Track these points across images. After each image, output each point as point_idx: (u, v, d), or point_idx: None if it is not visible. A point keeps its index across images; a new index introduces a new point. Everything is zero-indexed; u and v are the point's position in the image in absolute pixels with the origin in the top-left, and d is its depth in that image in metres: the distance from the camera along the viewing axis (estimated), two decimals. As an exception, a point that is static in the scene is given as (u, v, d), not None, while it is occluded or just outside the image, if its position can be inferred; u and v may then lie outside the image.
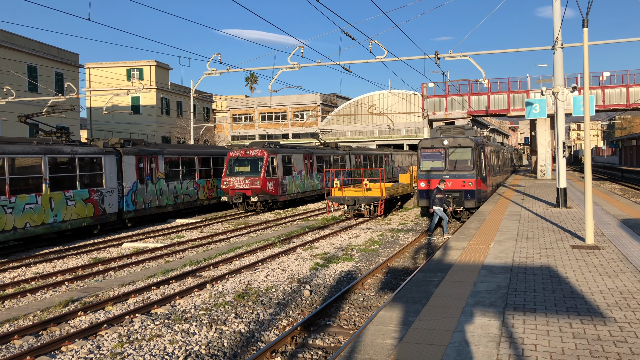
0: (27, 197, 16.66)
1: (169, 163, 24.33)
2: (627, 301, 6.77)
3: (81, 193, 18.82)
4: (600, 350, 5.17)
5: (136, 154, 22.12)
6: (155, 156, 23.36)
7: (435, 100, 40.65)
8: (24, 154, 16.71)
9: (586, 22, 11.04)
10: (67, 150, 18.41)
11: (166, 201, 23.89)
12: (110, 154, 20.44)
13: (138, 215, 22.17)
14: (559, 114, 17.32)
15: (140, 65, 56.24)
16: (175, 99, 59.38)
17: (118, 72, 55.15)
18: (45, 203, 17.33)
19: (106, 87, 53.21)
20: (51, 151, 17.71)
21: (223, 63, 23.50)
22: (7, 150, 16.15)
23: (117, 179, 20.82)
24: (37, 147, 17.29)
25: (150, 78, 55.58)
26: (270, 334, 8.65)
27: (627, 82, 36.84)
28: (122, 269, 13.83)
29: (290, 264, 13.86)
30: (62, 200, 17.96)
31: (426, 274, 8.60)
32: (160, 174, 23.57)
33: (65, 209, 18.09)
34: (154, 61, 55.92)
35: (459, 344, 5.43)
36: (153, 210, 23.07)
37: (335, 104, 77.83)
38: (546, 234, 12.38)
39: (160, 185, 23.48)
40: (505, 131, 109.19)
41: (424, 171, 20.91)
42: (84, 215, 18.97)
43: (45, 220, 17.32)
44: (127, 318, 9.37)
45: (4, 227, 15.87)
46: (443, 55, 22.57)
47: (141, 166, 22.32)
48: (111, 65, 56.76)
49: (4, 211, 15.88)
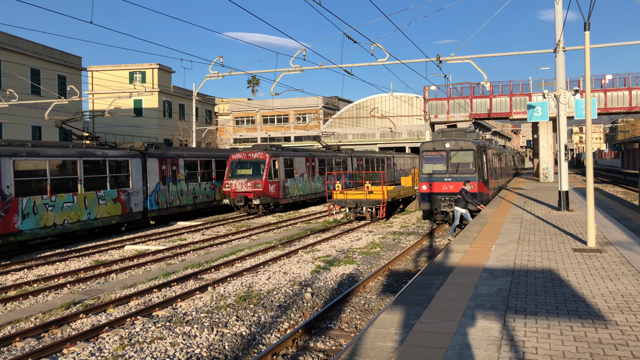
0: (65, 196, 18.07)
1: (189, 165, 25.69)
2: (629, 304, 6.76)
3: (111, 193, 20.21)
4: (601, 353, 5.16)
5: (159, 157, 23.47)
6: (176, 159, 24.74)
7: (437, 103, 40.66)
8: (62, 157, 18.13)
9: (588, 25, 11.04)
10: (99, 154, 19.81)
11: (186, 201, 25.28)
12: (136, 157, 21.83)
13: (160, 214, 23.47)
14: (561, 117, 17.32)
15: (143, 68, 56.42)
16: (177, 102, 59.52)
17: (121, 75, 55.32)
18: (81, 202, 18.73)
19: (109, 90, 53.36)
20: (85, 154, 19.10)
21: (225, 66, 23.55)
22: (48, 153, 17.58)
23: (142, 180, 22.18)
24: (73, 150, 18.69)
25: (152, 81, 55.73)
26: (271, 337, 8.66)
27: (630, 85, 36.80)
28: (124, 271, 13.85)
29: (291, 266, 13.87)
30: (95, 199, 19.39)
31: (427, 277, 8.60)
32: (181, 176, 24.98)
33: (97, 208, 19.50)
34: (156, 64, 56.08)
35: (460, 346, 5.43)
36: (174, 209, 24.45)
37: (337, 107, 77.89)
38: (548, 237, 12.36)
39: (180, 186, 24.90)
40: (507, 134, 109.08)
41: (426, 174, 20.91)
42: (114, 214, 20.37)
43: (80, 217, 18.72)
44: (128, 320, 9.39)
45: (46, 223, 17.27)
46: (445, 58, 22.58)
47: (163, 168, 23.74)
48: (114, 68, 56.94)
49: (46, 209, 17.26)
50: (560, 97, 16.97)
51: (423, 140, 44.25)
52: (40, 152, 17.31)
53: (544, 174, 36.39)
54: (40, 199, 17.11)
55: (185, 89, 60.40)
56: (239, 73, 24.69)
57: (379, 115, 59.63)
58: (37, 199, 17.01)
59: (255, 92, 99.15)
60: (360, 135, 70.17)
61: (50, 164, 17.53)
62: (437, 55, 22.26)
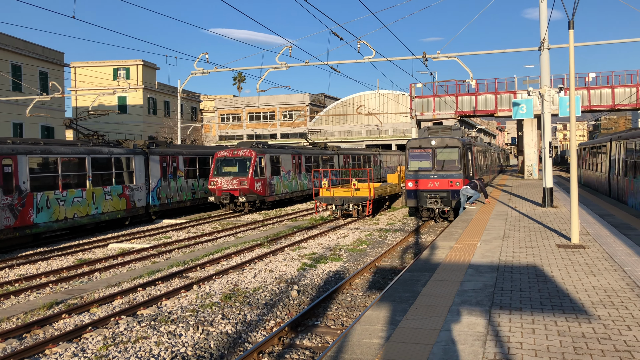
0: (75, 192, 19.04)
1: (188, 162, 26.82)
2: (611, 299, 6.83)
3: (116, 188, 21.23)
4: (584, 347, 5.20)
5: (160, 154, 24.53)
6: (177, 156, 25.86)
7: (423, 100, 40.81)
8: (72, 154, 19.04)
9: (572, 24, 11.13)
10: (106, 151, 20.76)
11: (185, 197, 26.43)
12: (139, 154, 22.81)
13: (162, 209, 24.60)
14: (546, 115, 17.46)
15: (127, 64, 55.80)
16: (162, 99, 58.99)
17: (104, 72, 54.68)
18: (89, 197, 19.74)
19: (92, 87, 52.72)
20: (93, 152, 20.04)
21: (211, 62, 23.35)
22: (59, 151, 18.50)
23: (144, 177, 23.22)
24: (82, 148, 19.61)
25: (137, 77, 55.16)
26: (257, 335, 8.61)
27: (613, 83, 37.28)
28: (108, 270, 13.69)
29: (278, 264, 13.82)
30: (102, 194, 20.39)
31: (413, 274, 8.61)
32: (181, 172, 26.13)
33: (104, 203, 20.52)
34: (140, 60, 55.50)
35: (446, 342, 5.43)
36: (174, 205, 25.59)
37: (323, 104, 77.84)
38: (532, 233, 12.46)
39: (180, 182, 26.08)
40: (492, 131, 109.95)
41: (412, 171, 20.97)
42: (119, 208, 21.38)
43: (89, 212, 19.75)
44: (112, 320, 9.27)
45: (58, 216, 18.24)
46: (431, 56, 22.65)
47: (164, 165, 24.82)
48: (97, 64, 56.24)
49: (58, 203, 18.22)
50: (545, 94, 17.11)
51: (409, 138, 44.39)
52: (52, 150, 18.17)
53: (529, 171, 36.73)
54: (53, 194, 18.03)
55: (170, 86, 59.88)
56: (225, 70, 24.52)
57: (366, 112, 59.73)
58: (50, 194, 17.93)
59: (240, 89, 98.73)
60: (347, 133, 70.21)
61: (61, 161, 18.45)
62: (424, 53, 22.32)
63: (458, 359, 5.01)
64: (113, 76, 55.51)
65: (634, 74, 36.99)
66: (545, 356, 5.01)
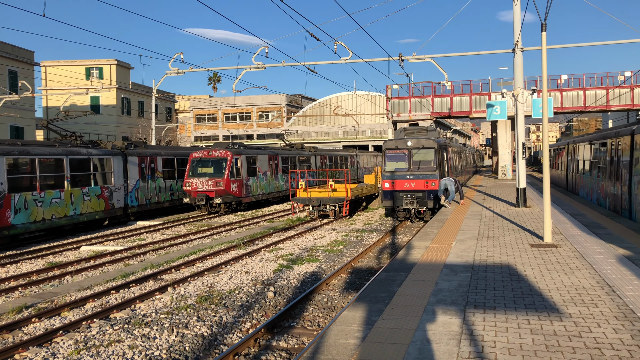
0: (53, 193, 18.97)
1: (166, 163, 26.78)
2: (582, 297, 6.96)
3: (95, 189, 21.22)
4: (556, 345, 5.28)
5: (139, 155, 24.54)
6: (155, 157, 25.86)
7: (400, 101, 41.10)
8: (50, 155, 18.95)
9: (544, 27, 11.33)
10: (84, 152, 20.74)
11: (164, 197, 26.43)
12: (117, 155, 22.80)
13: (140, 210, 24.57)
14: (519, 116, 17.74)
15: (100, 64, 54.87)
16: (136, 99, 58.17)
17: (76, 71, 53.63)
18: (67, 198, 19.66)
19: (64, 86, 51.67)
20: (71, 152, 20.00)
21: (186, 62, 23.12)
22: (38, 151, 18.38)
23: (123, 178, 23.18)
24: (60, 149, 19.53)
25: (110, 77, 54.27)
26: (233, 337, 8.53)
27: (584, 86, 38.12)
28: (80, 273, 13.41)
29: (254, 265, 13.74)
30: (80, 195, 20.35)
31: (389, 274, 8.65)
32: (159, 173, 26.13)
33: (82, 203, 20.47)
34: (114, 60, 54.63)
35: (421, 342, 5.46)
36: (153, 205, 25.57)
37: (300, 105, 77.77)
38: (506, 232, 12.64)
39: (159, 183, 26.07)
40: (467, 132, 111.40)
41: (388, 172, 21.09)
42: (97, 209, 21.36)
43: (67, 213, 19.65)
44: (84, 324, 9.08)
45: (36, 218, 18.16)
46: (407, 58, 22.82)
47: (143, 166, 24.79)
48: (69, 63, 55.14)
49: (36, 204, 18.14)
50: (518, 96, 17.38)
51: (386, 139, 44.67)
52: (30, 151, 18.06)
53: (503, 172, 37.30)
54: (31, 195, 17.95)
55: (144, 86, 59.07)
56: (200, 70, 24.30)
57: (343, 113, 59.88)
58: (28, 195, 17.83)
59: (216, 89, 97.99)
60: (324, 134, 70.28)
61: (39, 162, 18.37)
62: (400, 55, 22.47)
63: (433, 358, 5.04)
64: (86, 76, 54.50)
65: (604, 76, 37.89)
66: (519, 354, 5.08)
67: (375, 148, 66.39)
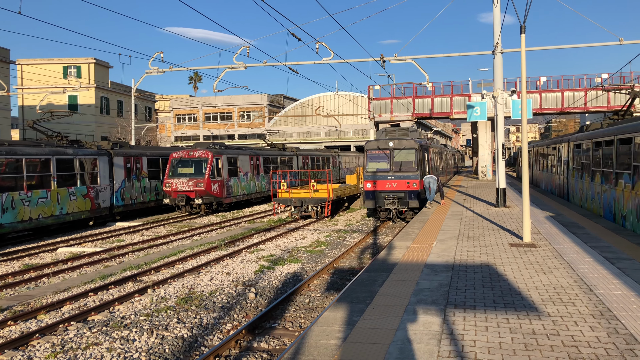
0: (40, 192, 19.13)
1: (151, 163, 26.91)
2: (560, 296, 7.05)
3: (81, 189, 21.40)
4: (534, 343, 5.34)
5: (124, 155, 24.73)
6: (140, 157, 26.04)
7: (381, 102, 41.27)
8: (37, 155, 19.12)
9: (524, 29, 11.46)
10: (70, 152, 20.89)
11: (149, 197, 26.55)
12: (103, 155, 23.02)
13: (126, 209, 24.79)
14: (499, 117, 17.93)
15: (78, 62, 54.03)
16: (115, 98, 57.42)
17: (54, 69, 52.72)
18: (54, 197, 19.81)
19: (41, 85, 50.76)
20: (58, 152, 20.17)
21: (166, 62, 22.91)
22: (25, 152, 18.55)
23: (109, 178, 23.40)
24: (47, 149, 19.70)
25: (88, 76, 53.47)
26: (214, 339, 8.46)
27: (562, 87, 38.72)
28: (57, 275, 13.18)
29: (235, 267, 13.65)
30: (67, 195, 20.52)
31: (371, 274, 8.66)
32: (144, 173, 26.29)
33: (69, 203, 20.63)
34: (92, 59, 53.84)
35: (402, 342, 5.47)
36: (138, 205, 25.77)
37: (282, 105, 77.59)
38: (486, 232, 12.77)
39: (144, 183, 26.21)
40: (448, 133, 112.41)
41: (370, 172, 21.15)
42: (83, 209, 21.52)
43: (54, 212, 19.82)
44: (61, 326, 8.92)
45: (23, 217, 18.33)
46: (388, 59, 22.92)
47: (128, 166, 24.98)
48: (46, 62, 54.19)
49: (23, 204, 18.32)
50: (498, 97, 17.58)
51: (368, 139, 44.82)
52: (17, 151, 18.26)
53: (483, 172, 37.69)
54: (18, 194, 18.14)
55: (123, 85, 58.33)
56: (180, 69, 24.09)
57: (325, 113, 59.89)
58: (15, 194, 18.03)
59: (197, 88, 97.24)
60: (306, 134, 70.24)
61: (26, 162, 18.55)
62: (381, 55, 22.57)
63: (414, 358, 5.05)
64: (63, 74, 53.61)
65: (582, 78, 38.55)
66: (498, 353, 5.12)
67: (357, 148, 66.56)
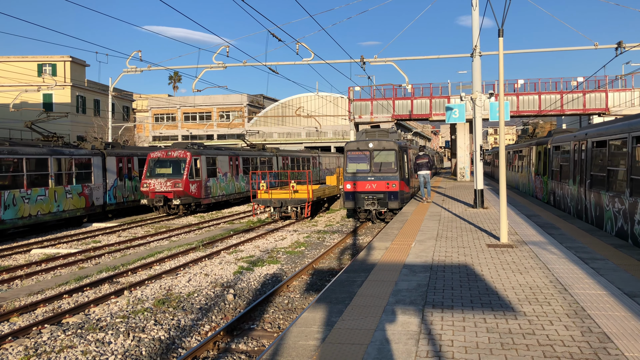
0: (39, 190, 20.11)
1: (142, 163, 27.84)
2: (536, 296, 7.15)
3: (76, 188, 22.40)
4: (511, 342, 5.40)
5: (116, 155, 25.67)
6: (132, 157, 26.99)
7: (362, 103, 41.41)
8: (36, 155, 20.05)
9: (501, 32, 11.61)
10: (67, 152, 21.92)
11: (140, 196, 26.89)
12: (97, 155, 24.03)
13: (118, 208, 25.76)
14: (477, 119, 18.13)
15: (54, 60, 53.05)
16: (92, 97, 56.54)
17: (28, 67, 51.64)
18: (51, 195, 20.79)
19: (14, 83, 49.70)
20: (55, 152, 21.17)
21: (144, 61, 22.62)
22: (25, 151, 19.55)
23: (102, 177, 24.34)
24: (44, 149, 20.69)
25: (64, 74, 52.54)
26: (191, 340, 8.37)
27: (539, 90, 39.33)
28: (30, 277, 12.91)
29: (213, 268, 13.54)
30: (63, 193, 21.48)
31: (350, 275, 8.67)
32: (136, 173, 27.18)
33: (65, 201, 21.60)
34: (68, 56, 52.93)
35: (380, 342, 5.48)
36: (130, 203, 26.67)
37: (262, 105, 77.32)
38: (464, 233, 12.89)
39: (135, 182, 27.13)
40: (427, 135, 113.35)
41: (350, 173, 21.20)
42: (79, 206, 22.55)
43: (51, 209, 20.80)
44: (34, 329, 8.74)
45: (23, 214, 19.28)
46: (368, 60, 23.02)
47: (120, 166, 25.93)
48: (20, 59, 53.09)
49: (23, 201, 19.23)
50: (477, 99, 17.77)
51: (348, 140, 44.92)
52: (18, 151, 19.20)
53: (461, 173, 38.08)
54: (19, 192, 19.08)
55: (100, 84, 57.48)
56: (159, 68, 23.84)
57: (305, 114, 59.87)
58: (16, 192, 19.00)
59: (176, 88, 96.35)
60: (286, 134, 70.11)
61: (26, 161, 19.48)
62: (361, 57, 22.64)
63: (392, 358, 5.06)
64: (38, 72, 52.57)
65: (559, 81, 39.23)
66: (475, 352, 5.16)
67: (338, 149, 66.70)
